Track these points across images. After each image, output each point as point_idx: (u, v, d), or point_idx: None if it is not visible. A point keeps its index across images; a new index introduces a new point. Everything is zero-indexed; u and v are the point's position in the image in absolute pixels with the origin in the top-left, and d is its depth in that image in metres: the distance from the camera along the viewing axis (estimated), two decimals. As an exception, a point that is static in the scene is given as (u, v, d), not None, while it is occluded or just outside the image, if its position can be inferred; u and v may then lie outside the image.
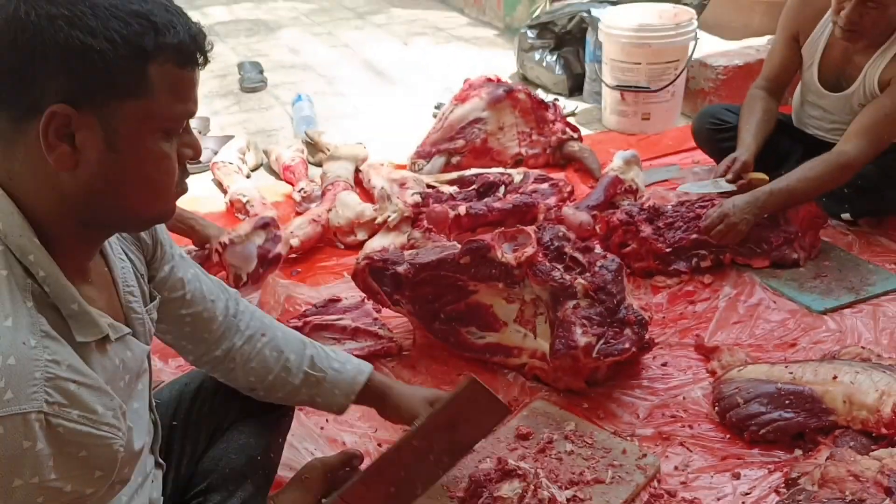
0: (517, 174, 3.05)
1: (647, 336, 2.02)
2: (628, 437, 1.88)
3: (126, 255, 1.19)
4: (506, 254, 2.01)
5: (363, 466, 1.70)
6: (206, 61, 1.01)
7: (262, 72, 4.68)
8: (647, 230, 2.61)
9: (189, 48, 0.97)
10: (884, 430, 1.72)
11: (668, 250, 2.56)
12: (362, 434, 1.93)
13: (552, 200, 2.88)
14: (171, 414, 1.50)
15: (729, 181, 2.65)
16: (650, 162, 3.41)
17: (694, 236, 2.58)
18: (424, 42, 5.43)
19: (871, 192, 2.64)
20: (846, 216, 2.75)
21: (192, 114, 1.02)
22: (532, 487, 1.57)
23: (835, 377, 1.85)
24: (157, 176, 1.00)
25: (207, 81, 4.63)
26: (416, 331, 2.29)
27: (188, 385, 1.57)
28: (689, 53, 3.60)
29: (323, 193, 3.01)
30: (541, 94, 3.80)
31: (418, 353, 2.25)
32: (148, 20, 0.92)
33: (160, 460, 1.33)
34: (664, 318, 2.35)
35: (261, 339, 1.50)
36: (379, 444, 1.90)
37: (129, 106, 0.94)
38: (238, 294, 1.55)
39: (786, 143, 2.89)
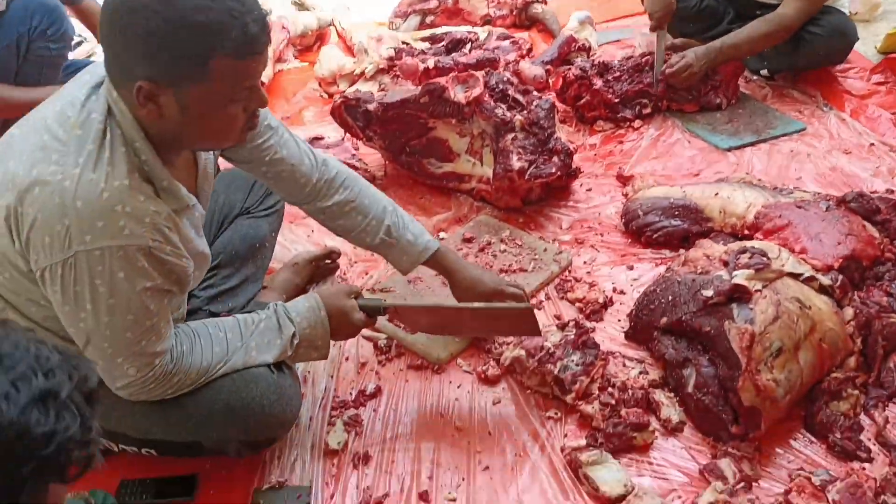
0: (482, 32, 3.41)
1: (572, 164, 2.47)
2: (551, 241, 2.37)
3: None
4: (458, 94, 2.43)
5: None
6: (267, 45, 1.27)
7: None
8: (598, 83, 3.01)
9: (246, 45, 1.23)
10: (746, 232, 2.21)
11: (616, 100, 2.98)
12: (342, 240, 2.39)
13: (512, 56, 3.27)
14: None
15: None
16: (606, 24, 3.75)
17: (638, 87, 2.99)
18: None
19: (787, 50, 3.03)
20: (765, 72, 3.16)
21: (255, 88, 1.30)
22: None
23: (716, 194, 2.33)
24: (222, 129, 1.35)
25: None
26: (387, 163, 2.75)
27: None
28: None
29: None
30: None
31: (389, 181, 2.72)
32: (207, 27, 1.19)
33: None
34: (595, 154, 2.81)
35: (348, 204, 1.78)
36: (354, 248, 2.38)
37: (196, 88, 1.24)
38: (333, 159, 1.82)
39: (720, 6, 3.24)
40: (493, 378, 1.91)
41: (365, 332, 2.03)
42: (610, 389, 1.83)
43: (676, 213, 2.34)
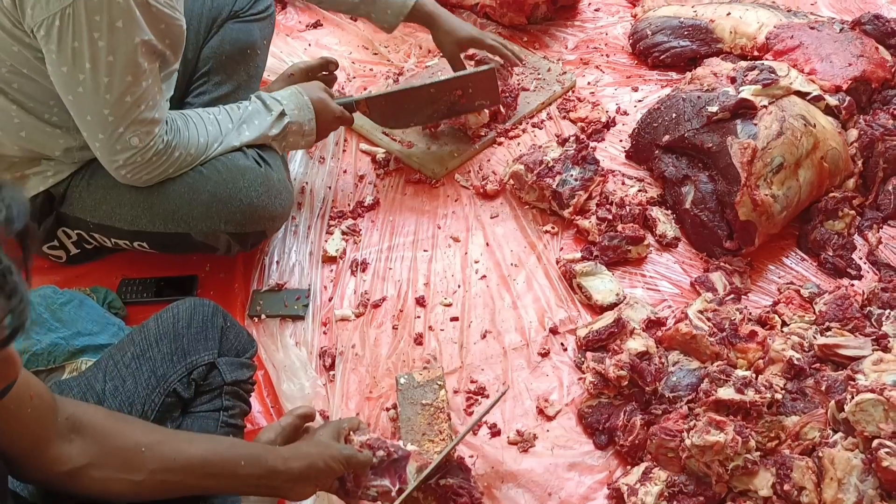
0: None
1: (581, -22, 2.35)
2: (555, 61, 2.30)
3: None
4: None
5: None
6: None
7: None
8: None
9: None
10: (756, 53, 2.14)
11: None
12: (340, 54, 2.33)
13: None
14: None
15: None
16: None
17: None
18: None
19: None
20: None
21: None
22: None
23: (728, 14, 2.23)
24: None
25: None
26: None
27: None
28: None
29: None
30: None
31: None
32: None
33: None
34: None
35: None
36: (353, 62, 2.31)
37: None
38: None
39: None
40: (492, 193, 1.91)
41: (363, 145, 2.02)
42: (608, 205, 1.83)
43: (686, 33, 2.25)
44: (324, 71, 2.16)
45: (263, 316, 1.62)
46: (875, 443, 1.26)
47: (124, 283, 1.65)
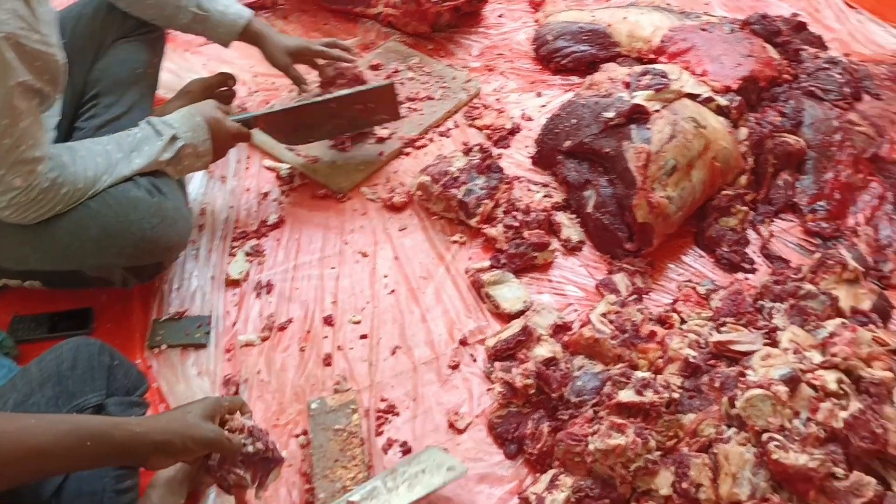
0: None
1: (481, -15, 2.37)
2: (460, 68, 2.31)
3: None
4: None
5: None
6: None
7: None
8: None
9: None
10: (651, 56, 2.20)
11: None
12: (241, 68, 2.28)
13: None
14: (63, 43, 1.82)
15: None
16: None
17: None
18: None
19: None
20: None
21: None
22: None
23: (624, 17, 2.28)
24: None
25: None
26: (288, -14, 2.57)
27: (69, 14, 1.85)
28: None
29: None
30: None
31: (291, 5, 2.56)
32: None
33: None
34: (506, -19, 2.69)
35: None
36: (255, 76, 2.27)
37: None
38: None
39: None
40: (400, 205, 1.91)
41: (266, 162, 1.99)
42: (514, 213, 1.85)
43: (585, 38, 2.29)
44: (222, 87, 2.12)
45: (164, 346, 1.58)
46: (765, 436, 1.31)
47: (17, 320, 1.59)
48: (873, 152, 2.01)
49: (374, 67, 2.26)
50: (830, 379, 1.38)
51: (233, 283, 1.73)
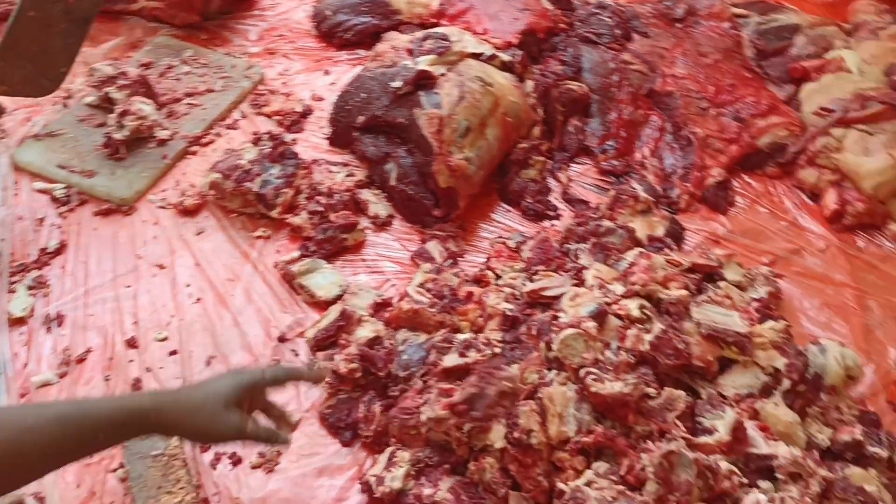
0: None
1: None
2: (239, 56, 2.20)
3: None
4: None
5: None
6: None
7: None
8: None
9: None
10: (433, 20, 2.19)
11: None
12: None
13: None
14: None
15: None
16: None
17: None
18: None
19: None
20: None
21: None
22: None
23: (402, -15, 2.26)
24: None
25: None
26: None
27: None
28: None
29: None
30: None
31: (41, 11, 2.32)
32: None
33: None
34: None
35: None
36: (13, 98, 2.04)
37: None
38: None
39: None
40: (193, 208, 1.79)
41: (36, 184, 1.83)
42: (317, 197, 1.80)
43: (365, 8, 2.26)
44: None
45: (-58, 407, 1.40)
46: (582, 372, 1.35)
47: None
48: (649, 88, 2.13)
49: (146, 66, 2.10)
50: (633, 306, 1.45)
51: (17, 322, 1.55)
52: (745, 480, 1.30)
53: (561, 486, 1.29)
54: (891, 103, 1.99)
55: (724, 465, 1.29)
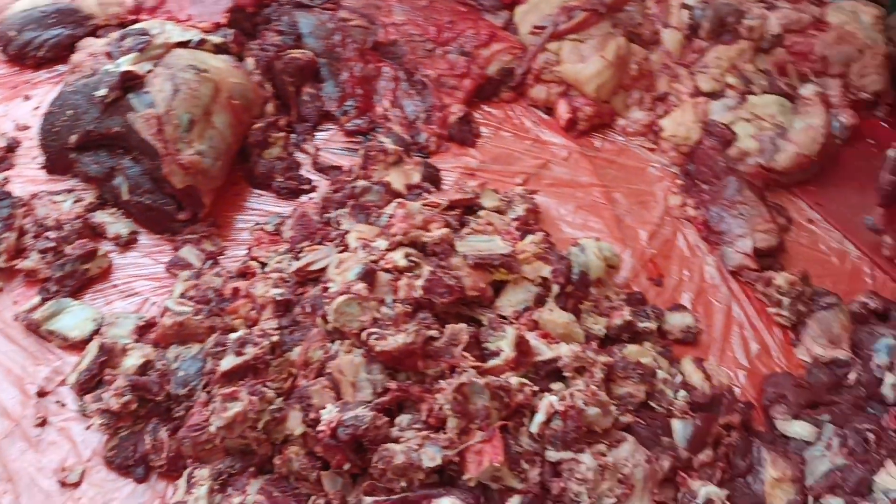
0: None
1: None
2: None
3: None
4: None
5: None
6: None
7: None
8: None
9: None
10: (132, 17, 2.03)
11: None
12: None
13: None
14: None
15: None
16: None
17: None
18: None
19: None
20: None
21: None
22: None
23: (86, -15, 2.07)
24: None
25: None
26: None
27: None
28: None
29: None
30: None
31: None
32: None
33: None
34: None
35: None
36: None
37: None
38: None
39: None
40: None
41: None
42: (46, 233, 1.62)
43: (53, 21, 2.04)
44: None
45: None
46: (363, 335, 1.33)
47: None
48: (373, 40, 2.12)
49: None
50: (398, 257, 1.44)
51: None
52: (536, 388, 1.35)
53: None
54: (592, 9, 2.12)
55: (515, 381, 1.34)
